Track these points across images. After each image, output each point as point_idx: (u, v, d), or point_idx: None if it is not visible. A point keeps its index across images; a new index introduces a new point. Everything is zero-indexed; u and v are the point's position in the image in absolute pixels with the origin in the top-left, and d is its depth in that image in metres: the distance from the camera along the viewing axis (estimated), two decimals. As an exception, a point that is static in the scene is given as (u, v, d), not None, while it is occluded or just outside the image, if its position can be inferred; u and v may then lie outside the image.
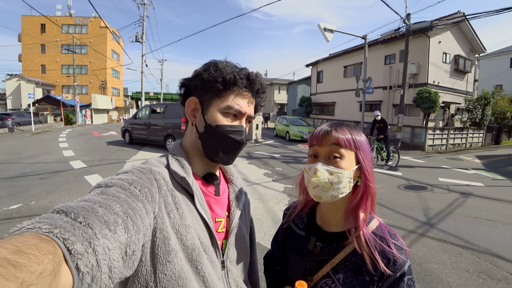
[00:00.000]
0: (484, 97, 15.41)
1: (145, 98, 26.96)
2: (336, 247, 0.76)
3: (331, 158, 0.73)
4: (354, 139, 0.74)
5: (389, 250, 0.70)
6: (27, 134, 15.67)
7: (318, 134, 0.76)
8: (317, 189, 0.72)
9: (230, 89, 0.72)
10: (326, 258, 0.76)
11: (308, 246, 0.81)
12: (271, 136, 17.48)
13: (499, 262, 3.07)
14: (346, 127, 0.76)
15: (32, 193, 4.94)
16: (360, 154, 0.74)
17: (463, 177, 7.64)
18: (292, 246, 0.87)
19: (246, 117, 0.77)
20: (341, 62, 22.43)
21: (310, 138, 0.79)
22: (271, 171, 7.38)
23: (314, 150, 0.77)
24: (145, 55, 22.51)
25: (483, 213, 4.67)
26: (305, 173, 0.77)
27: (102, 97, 30.39)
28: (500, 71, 26.47)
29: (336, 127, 0.75)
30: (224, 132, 0.72)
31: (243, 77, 0.73)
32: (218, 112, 0.73)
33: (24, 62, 34.82)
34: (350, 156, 0.73)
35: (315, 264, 0.78)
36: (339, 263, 0.74)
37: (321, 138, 0.74)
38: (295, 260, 0.84)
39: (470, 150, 14.41)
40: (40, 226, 0.38)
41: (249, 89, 0.75)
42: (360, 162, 0.74)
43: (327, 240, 0.78)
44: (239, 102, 0.73)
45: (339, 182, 0.71)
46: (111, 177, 0.61)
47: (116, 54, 39.58)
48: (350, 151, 0.73)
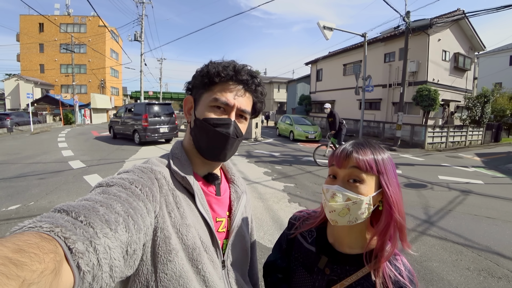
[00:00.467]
0: (484, 95, 15.41)
1: (144, 97, 26.90)
2: (349, 270, 0.73)
3: (350, 181, 0.69)
4: (377, 161, 0.69)
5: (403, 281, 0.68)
6: (26, 134, 15.64)
7: (338, 154, 0.72)
8: (334, 213, 0.69)
9: (217, 83, 0.72)
10: (336, 279, 0.74)
11: (319, 264, 0.78)
12: (271, 135, 17.48)
13: (499, 260, 3.07)
14: (369, 147, 0.71)
15: (31, 194, 4.93)
16: (383, 179, 0.70)
17: (463, 175, 7.64)
18: (299, 260, 0.84)
19: (238, 111, 0.74)
20: (341, 60, 22.41)
21: (331, 157, 0.76)
22: (271, 170, 7.37)
23: (334, 171, 0.73)
24: (144, 54, 22.47)
25: (483, 211, 4.67)
26: (323, 194, 0.74)
27: (101, 97, 30.36)
28: (499, 68, 26.46)
29: (357, 148, 0.71)
30: (210, 124, 0.71)
31: (227, 68, 0.72)
32: (206, 105, 0.72)
33: (23, 61, 34.73)
34: (371, 181, 0.69)
35: (324, 284, 0.75)
36: (350, 285, 0.72)
37: (342, 159, 0.70)
38: (301, 275, 0.81)
39: (470, 148, 14.42)
40: (41, 225, 0.38)
41: (236, 80, 0.73)
42: (383, 188, 0.70)
43: (339, 261, 0.75)
44: (225, 94, 0.72)
45: (357, 208, 0.68)
46: (112, 177, 0.61)
47: (115, 53, 39.50)
48: (371, 175, 0.69)
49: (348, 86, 20.39)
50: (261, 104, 0.82)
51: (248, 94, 0.76)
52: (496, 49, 27.83)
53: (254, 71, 0.76)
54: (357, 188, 0.68)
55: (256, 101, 0.80)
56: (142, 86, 23.07)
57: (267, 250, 3.14)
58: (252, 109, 0.79)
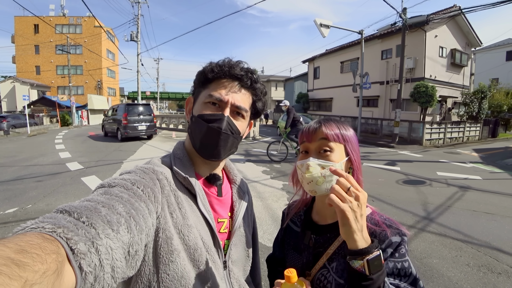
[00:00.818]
0: (481, 90, 15.46)
1: (141, 98, 26.80)
2: (330, 237, 0.77)
3: (321, 152, 0.75)
4: (342, 132, 0.77)
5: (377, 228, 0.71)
6: (22, 137, 15.54)
7: (307, 130, 0.78)
8: (311, 184, 0.73)
9: (213, 80, 0.73)
10: (322, 250, 0.77)
11: (304, 240, 0.82)
12: (269, 133, 17.45)
13: (499, 255, 3.08)
14: (334, 122, 0.79)
15: (29, 196, 4.89)
16: (349, 146, 0.77)
17: (461, 170, 7.67)
18: (290, 244, 0.88)
19: (232, 107, 0.73)
20: (338, 57, 22.42)
21: (301, 135, 0.81)
22: (269, 169, 7.37)
23: (305, 147, 0.79)
24: (140, 54, 22.37)
25: (482, 206, 4.69)
26: (298, 169, 0.79)
27: (98, 98, 30.21)
28: (496, 64, 26.57)
29: (324, 123, 0.78)
30: (203, 120, 0.71)
31: (221, 64, 0.73)
32: (202, 102, 0.74)
33: (18, 63, 34.52)
34: (339, 149, 0.76)
35: (311, 258, 0.79)
36: (333, 252, 0.75)
37: (311, 134, 0.77)
38: (293, 257, 0.85)
39: (467, 144, 14.48)
40: (43, 226, 0.38)
41: (230, 76, 0.73)
42: (349, 154, 0.77)
43: (322, 232, 0.80)
44: (219, 90, 0.72)
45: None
46: (114, 177, 0.61)
47: (111, 53, 39.32)
48: (339, 144, 0.76)
49: (346, 83, 20.40)
50: (262, 104, 0.81)
51: (245, 91, 0.75)
52: (493, 45, 27.94)
53: (249, 67, 0.76)
54: (328, 156, 0.74)
55: (256, 100, 0.78)
56: (139, 86, 22.98)
57: (266, 249, 3.13)
58: (252, 108, 0.78)
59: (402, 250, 0.68)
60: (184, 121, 18.78)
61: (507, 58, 26.64)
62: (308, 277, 0.76)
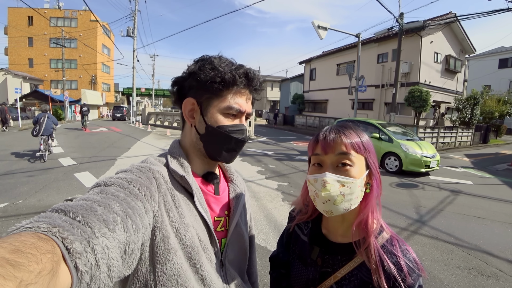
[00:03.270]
0: (473, 97, 15.73)
1: (136, 94, 26.55)
2: (341, 260, 0.71)
3: (339, 166, 0.66)
4: (363, 141, 0.68)
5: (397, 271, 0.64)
6: (14, 130, 15.25)
7: (324, 140, 0.67)
8: (328, 204, 0.64)
9: (229, 89, 0.71)
10: (330, 271, 0.72)
11: (311, 255, 0.76)
12: (264, 133, 17.47)
13: (488, 258, 3.13)
14: (353, 129, 0.69)
15: (19, 191, 4.79)
16: (370, 158, 0.68)
17: (453, 175, 7.79)
18: (296, 252, 0.82)
19: (245, 115, 0.76)
20: (334, 60, 22.55)
21: (313, 145, 0.71)
22: (264, 169, 7.37)
23: (319, 159, 0.68)
24: (136, 50, 22.17)
25: (473, 210, 4.77)
26: (310, 185, 0.69)
27: (92, 93, 29.87)
28: (488, 71, 27.06)
29: (343, 130, 0.67)
30: (226, 132, 0.72)
31: (242, 76, 0.71)
32: (218, 112, 0.72)
33: (11, 55, 33.85)
34: (360, 162, 0.67)
35: (318, 276, 0.73)
36: (343, 277, 0.69)
37: (328, 145, 0.66)
38: (298, 268, 0.80)
39: (459, 149, 14.71)
40: (38, 225, 0.37)
41: (248, 87, 0.74)
42: (370, 166, 0.68)
43: (332, 251, 0.73)
44: (238, 101, 0.72)
45: (352, 192, 0.64)
46: (110, 176, 0.60)
47: (106, 48, 38.86)
48: (360, 156, 0.67)
49: (341, 85, 20.53)
50: (255, 100, 0.84)
51: (250, 96, 0.78)
52: (486, 52, 28.44)
53: (260, 75, 0.78)
54: (347, 171, 0.65)
55: (253, 100, 0.81)
56: (134, 83, 22.78)
57: (261, 249, 3.14)
58: None
59: None
60: (179, 118, 18.66)
61: (500, 65, 27.15)
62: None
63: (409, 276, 0.63)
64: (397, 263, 0.65)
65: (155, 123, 21.10)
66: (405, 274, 0.63)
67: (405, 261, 0.65)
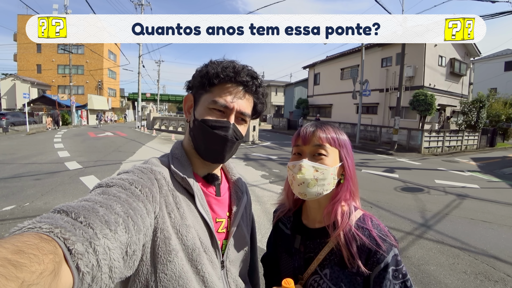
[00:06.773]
0: (479, 100, 15.55)
1: (142, 99, 26.82)
2: (320, 243, 0.76)
3: (316, 155, 0.75)
4: (338, 137, 0.77)
5: (369, 242, 0.69)
6: (21, 134, 15.50)
7: (304, 133, 0.77)
8: (302, 186, 0.73)
9: (217, 84, 0.71)
10: (313, 255, 0.77)
11: (295, 244, 0.81)
12: (268, 138, 17.47)
13: (496, 263, 3.08)
14: (331, 126, 0.79)
15: (26, 194, 4.87)
16: (344, 152, 0.77)
17: (459, 179, 7.68)
18: (282, 246, 0.88)
19: (237, 114, 0.72)
20: (338, 64, 22.53)
21: (296, 138, 0.80)
22: (268, 173, 7.37)
23: (299, 149, 0.78)
24: (142, 56, 22.45)
25: (479, 214, 4.70)
26: (289, 170, 0.78)
27: (98, 98, 30.23)
28: (494, 74, 26.77)
29: (321, 127, 0.78)
30: (208, 126, 0.70)
31: (226, 69, 0.70)
32: (205, 107, 0.72)
33: (20, 61, 34.50)
34: (334, 154, 0.76)
35: (302, 262, 0.78)
36: (324, 258, 0.74)
37: (306, 137, 0.76)
38: (285, 260, 0.84)
39: (466, 153, 14.52)
40: (40, 226, 0.37)
41: (236, 82, 0.71)
42: (343, 160, 0.77)
43: (312, 237, 0.79)
44: (225, 97, 0.70)
45: (324, 178, 0.73)
46: (112, 177, 0.60)
47: (113, 54, 39.41)
48: (334, 149, 0.76)
49: (346, 90, 20.47)
50: (262, 105, 0.81)
51: (248, 96, 0.75)
52: (492, 55, 28.18)
53: (254, 71, 0.75)
54: (322, 160, 0.74)
55: (257, 103, 0.78)
56: (139, 88, 23.04)
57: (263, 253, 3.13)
58: (252, 110, 0.78)
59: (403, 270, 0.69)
60: (183, 123, 18.77)
61: (506, 68, 26.85)
62: (300, 281, 0.77)
63: (383, 244, 0.68)
64: (369, 235, 0.70)
65: (160, 128, 21.24)
66: (378, 243, 0.69)
67: (377, 232, 0.71)
